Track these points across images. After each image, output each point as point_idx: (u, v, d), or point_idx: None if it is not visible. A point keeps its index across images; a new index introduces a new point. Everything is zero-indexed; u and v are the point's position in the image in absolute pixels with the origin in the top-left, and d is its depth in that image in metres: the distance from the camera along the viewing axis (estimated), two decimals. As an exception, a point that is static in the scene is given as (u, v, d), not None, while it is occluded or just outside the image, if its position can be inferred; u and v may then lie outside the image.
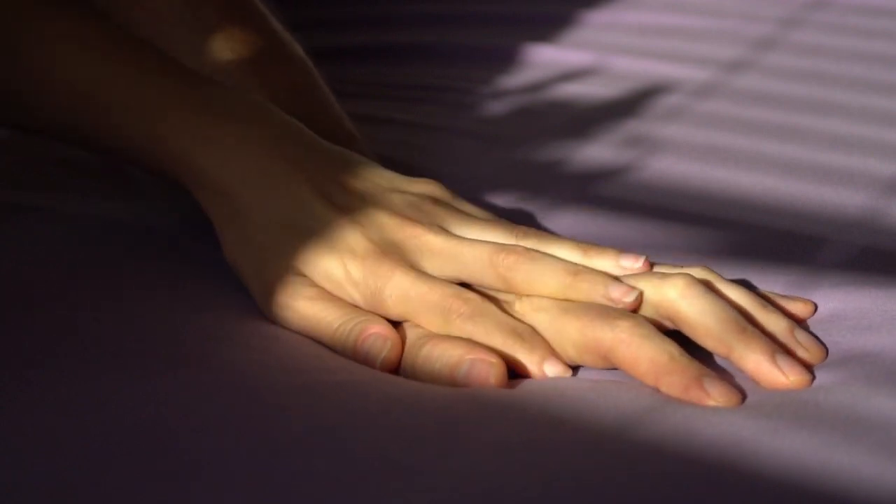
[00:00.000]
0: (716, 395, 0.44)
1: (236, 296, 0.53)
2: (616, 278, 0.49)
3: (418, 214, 0.52)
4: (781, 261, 0.56)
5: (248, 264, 0.52)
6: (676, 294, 0.47)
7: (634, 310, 0.48)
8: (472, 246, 0.50)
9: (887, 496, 0.38)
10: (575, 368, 0.49)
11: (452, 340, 0.48)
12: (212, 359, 0.48)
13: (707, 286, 0.48)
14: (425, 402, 0.46)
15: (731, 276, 0.55)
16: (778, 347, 0.47)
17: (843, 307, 0.50)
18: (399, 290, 0.50)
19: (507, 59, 0.89)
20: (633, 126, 0.75)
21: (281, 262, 0.51)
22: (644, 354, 0.46)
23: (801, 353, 0.47)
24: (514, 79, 0.85)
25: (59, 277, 0.54)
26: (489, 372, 0.47)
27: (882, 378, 0.45)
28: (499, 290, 0.50)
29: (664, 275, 0.48)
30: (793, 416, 0.43)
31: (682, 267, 0.50)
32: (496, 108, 0.80)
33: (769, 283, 0.54)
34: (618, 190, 0.66)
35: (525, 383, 0.48)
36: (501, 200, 0.65)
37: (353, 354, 0.50)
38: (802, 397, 0.45)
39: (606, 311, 0.47)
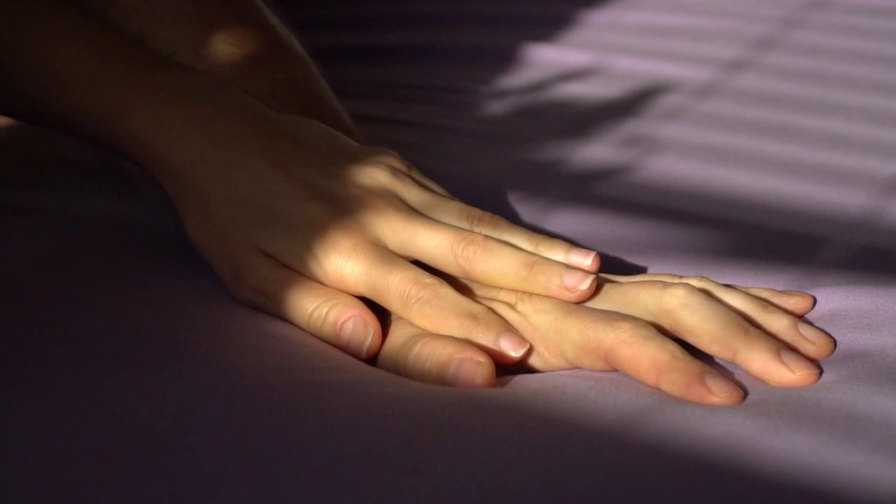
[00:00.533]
0: (718, 392, 0.44)
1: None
2: (570, 266, 0.50)
3: (379, 188, 0.52)
4: (781, 260, 0.56)
5: (212, 245, 0.53)
6: (677, 303, 0.47)
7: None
8: (433, 231, 0.50)
9: (887, 495, 0.38)
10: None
11: (443, 339, 0.49)
12: (211, 358, 0.48)
13: (706, 294, 0.48)
14: (425, 401, 0.46)
15: (732, 276, 0.55)
16: (782, 345, 0.47)
17: (844, 306, 0.50)
18: (360, 271, 0.50)
19: (507, 59, 0.89)
20: (633, 126, 0.75)
21: (244, 243, 0.51)
22: (645, 354, 0.46)
23: (807, 347, 0.48)
24: (515, 79, 0.85)
25: (59, 277, 0.54)
26: (476, 371, 0.47)
27: (882, 377, 0.45)
28: (460, 278, 0.51)
29: (664, 284, 0.48)
30: (793, 415, 0.43)
31: (680, 278, 0.51)
32: (496, 107, 0.80)
33: (769, 282, 0.54)
34: (618, 190, 0.66)
35: (525, 382, 0.48)
36: (502, 200, 0.65)
37: (333, 341, 0.50)
38: (802, 396, 0.45)
39: (608, 315, 0.48)
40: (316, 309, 0.50)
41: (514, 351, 0.48)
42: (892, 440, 0.41)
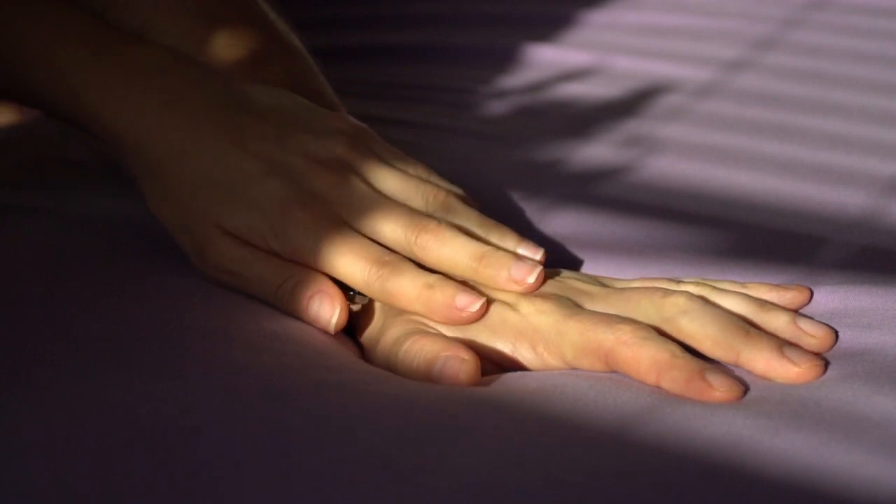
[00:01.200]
0: (719, 386, 0.44)
1: (236, 295, 0.53)
2: (520, 256, 0.51)
3: (337, 161, 0.52)
4: (781, 260, 0.56)
5: (174, 220, 0.53)
6: (677, 311, 0.48)
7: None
8: (387, 214, 0.51)
9: (887, 495, 0.38)
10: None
11: (432, 337, 0.49)
12: (212, 358, 0.48)
13: (704, 300, 0.49)
14: (425, 401, 0.46)
15: (732, 276, 0.55)
16: (784, 341, 0.47)
17: (844, 306, 0.50)
18: (317, 248, 0.51)
19: (507, 59, 0.88)
20: (633, 126, 0.75)
21: (206, 221, 0.52)
22: (645, 353, 0.46)
23: (808, 341, 0.48)
24: (515, 79, 0.85)
25: (59, 277, 0.54)
26: (460, 368, 0.48)
27: (882, 376, 0.45)
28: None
29: (665, 292, 0.49)
30: (793, 414, 0.43)
31: (677, 283, 0.51)
32: (497, 107, 0.80)
33: (769, 282, 0.54)
34: (618, 189, 0.66)
35: (525, 381, 0.48)
36: (502, 199, 0.65)
37: (301, 316, 0.51)
38: (802, 396, 0.45)
39: (608, 317, 0.48)
40: (281, 286, 0.51)
41: (471, 307, 0.49)
42: (892, 440, 0.40)
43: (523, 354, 0.49)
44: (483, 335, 0.50)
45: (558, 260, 0.59)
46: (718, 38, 0.91)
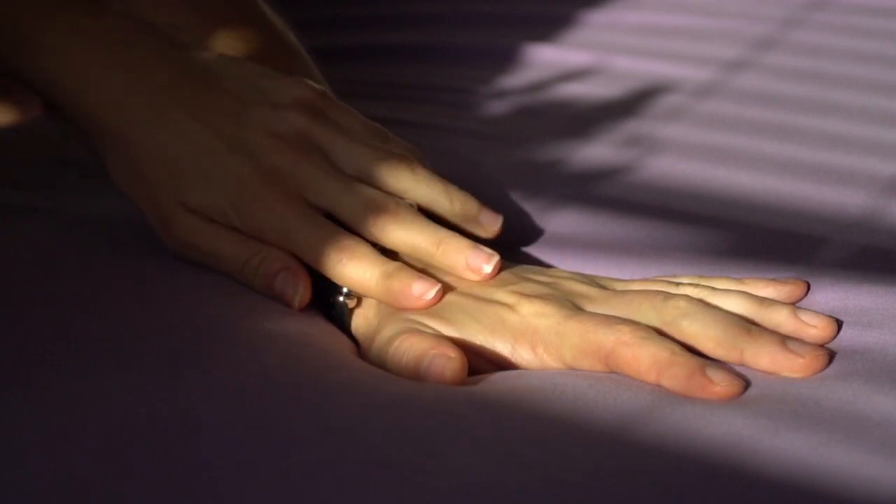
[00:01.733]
0: (719, 381, 0.44)
1: (236, 294, 0.53)
2: (476, 245, 0.51)
3: (297, 136, 0.53)
4: (781, 260, 0.56)
5: (140, 196, 0.54)
6: (678, 314, 0.48)
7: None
8: (347, 194, 0.52)
9: (887, 495, 0.38)
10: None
11: (421, 336, 0.49)
12: (212, 358, 0.48)
13: (704, 302, 0.49)
14: (425, 400, 0.46)
15: (730, 276, 0.55)
16: (786, 335, 0.47)
17: (844, 305, 0.50)
18: (279, 227, 0.51)
19: (507, 59, 0.88)
20: (633, 126, 0.75)
21: (170, 197, 0.53)
22: (645, 352, 0.46)
23: (810, 332, 0.48)
24: (515, 79, 0.85)
25: (59, 277, 0.54)
26: (445, 366, 0.48)
27: (883, 376, 0.45)
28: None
29: (665, 296, 0.49)
30: (793, 414, 0.43)
31: (673, 278, 0.51)
32: (497, 107, 0.80)
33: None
34: (618, 189, 0.66)
35: (524, 381, 0.48)
36: (502, 199, 0.65)
37: (267, 292, 0.52)
38: (802, 395, 0.44)
39: (607, 318, 0.48)
40: (247, 262, 0.52)
41: (427, 294, 0.50)
42: (892, 440, 0.40)
43: (522, 355, 0.49)
44: (482, 336, 0.50)
45: (558, 260, 0.59)
46: (718, 38, 0.91)
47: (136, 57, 0.54)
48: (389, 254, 0.52)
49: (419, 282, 0.50)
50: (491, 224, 0.55)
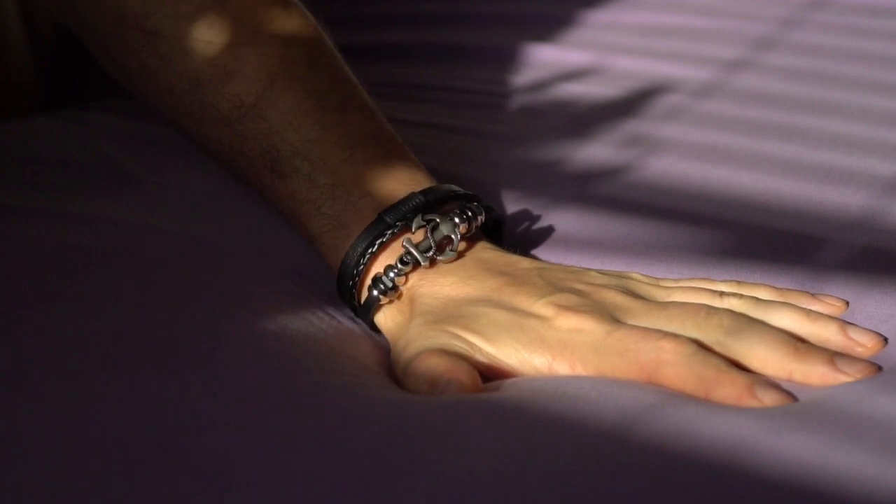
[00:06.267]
0: (769, 402, 0.44)
1: (236, 294, 0.53)
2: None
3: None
4: (782, 260, 0.56)
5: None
6: (722, 331, 0.47)
7: None
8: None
9: (888, 496, 0.38)
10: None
11: (441, 357, 0.48)
12: (212, 358, 0.48)
13: (747, 318, 0.48)
14: (426, 403, 0.46)
15: (733, 276, 0.55)
16: (834, 352, 0.46)
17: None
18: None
19: (508, 59, 0.89)
20: (633, 126, 0.75)
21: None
22: (690, 372, 0.45)
23: (858, 350, 0.47)
24: (515, 79, 0.85)
25: (59, 277, 0.54)
26: (457, 395, 0.47)
27: (884, 377, 0.45)
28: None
29: (709, 310, 0.48)
30: (794, 415, 0.42)
31: (714, 285, 0.51)
32: (497, 107, 0.80)
33: (770, 282, 0.54)
34: (618, 189, 0.66)
35: (527, 384, 0.48)
36: (503, 199, 0.65)
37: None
38: (805, 397, 0.45)
39: (648, 334, 0.47)
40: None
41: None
42: (893, 440, 0.40)
43: (560, 372, 0.48)
44: (519, 354, 0.49)
45: (558, 260, 0.59)
46: (718, 38, 0.91)
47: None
48: None
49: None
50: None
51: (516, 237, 0.61)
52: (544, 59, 0.88)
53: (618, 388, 0.45)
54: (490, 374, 0.49)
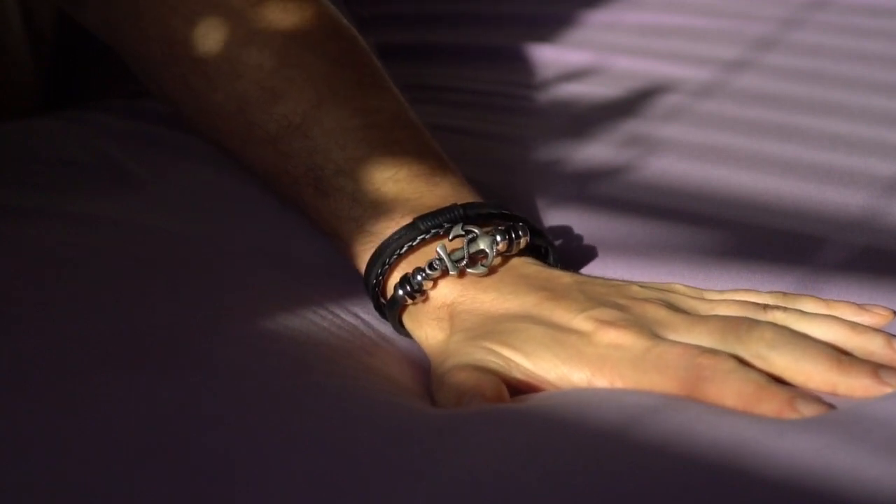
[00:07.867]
0: (809, 414, 0.43)
1: (237, 294, 0.53)
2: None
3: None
4: (782, 260, 0.56)
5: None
6: (764, 345, 0.47)
7: None
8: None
9: (890, 496, 0.38)
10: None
11: (469, 373, 0.48)
12: (212, 358, 0.48)
13: (790, 331, 0.48)
14: (427, 405, 0.46)
15: (734, 276, 0.55)
16: (878, 365, 0.46)
17: (845, 306, 0.50)
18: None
19: (508, 59, 0.88)
20: (633, 126, 0.75)
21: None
22: (729, 389, 0.45)
23: None
24: (516, 79, 0.85)
25: (59, 277, 0.54)
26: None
27: (885, 377, 0.45)
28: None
29: (750, 323, 0.48)
30: (796, 416, 0.42)
31: (758, 297, 0.50)
32: (497, 107, 0.80)
33: (770, 282, 0.54)
34: (618, 189, 0.66)
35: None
36: (503, 199, 0.65)
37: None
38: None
39: (687, 350, 0.47)
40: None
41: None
42: (894, 441, 0.40)
43: (599, 387, 0.48)
44: (558, 370, 0.48)
45: (559, 260, 0.58)
46: (718, 38, 0.91)
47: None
48: None
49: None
50: None
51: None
52: (544, 59, 0.88)
53: (619, 390, 0.45)
54: (528, 391, 0.49)
